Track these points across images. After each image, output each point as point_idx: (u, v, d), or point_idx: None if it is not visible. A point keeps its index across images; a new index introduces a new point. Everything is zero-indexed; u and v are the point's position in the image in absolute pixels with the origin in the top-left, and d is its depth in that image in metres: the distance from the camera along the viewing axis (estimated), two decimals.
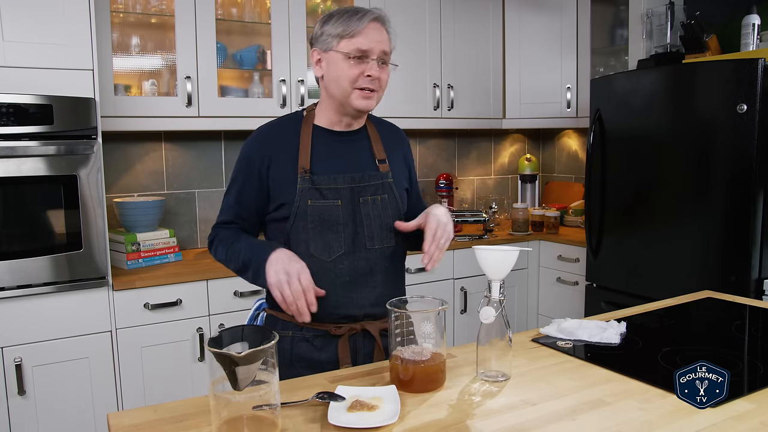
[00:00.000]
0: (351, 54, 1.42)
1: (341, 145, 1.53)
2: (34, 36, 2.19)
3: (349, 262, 1.47)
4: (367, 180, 1.51)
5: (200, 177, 3.09)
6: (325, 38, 1.45)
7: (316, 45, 1.49)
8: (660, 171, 2.65)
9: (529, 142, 4.19)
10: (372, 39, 1.43)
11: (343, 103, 1.47)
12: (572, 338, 1.48)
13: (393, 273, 1.54)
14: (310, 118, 1.54)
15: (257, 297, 2.62)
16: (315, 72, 1.51)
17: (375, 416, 1.08)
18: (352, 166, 1.51)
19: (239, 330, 1.03)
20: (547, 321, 1.62)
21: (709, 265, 2.49)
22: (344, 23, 1.43)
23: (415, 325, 1.24)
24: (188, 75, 2.68)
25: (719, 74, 2.42)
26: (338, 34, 1.43)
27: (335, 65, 1.44)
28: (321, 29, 1.47)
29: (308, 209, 1.46)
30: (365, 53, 1.43)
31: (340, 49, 1.43)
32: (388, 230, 1.52)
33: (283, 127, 1.54)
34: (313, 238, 1.46)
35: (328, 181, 1.47)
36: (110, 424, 1.08)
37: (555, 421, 1.07)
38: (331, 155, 1.50)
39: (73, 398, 2.30)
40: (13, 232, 2.19)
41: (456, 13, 3.40)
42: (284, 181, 1.47)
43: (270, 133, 1.53)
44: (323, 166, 1.48)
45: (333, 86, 1.47)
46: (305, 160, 1.47)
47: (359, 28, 1.42)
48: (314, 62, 1.50)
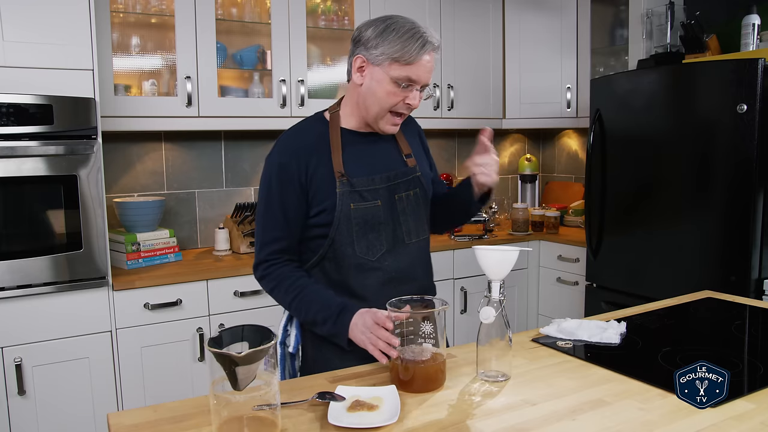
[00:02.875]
0: (400, 82, 1.40)
1: (371, 146, 1.53)
2: (34, 36, 2.19)
3: (392, 259, 1.50)
4: (400, 177, 1.53)
5: (200, 177, 3.09)
6: (378, 54, 1.39)
7: (363, 52, 1.42)
8: (660, 171, 2.65)
9: (529, 142, 4.19)
10: (424, 70, 1.40)
11: (371, 120, 1.47)
12: (572, 338, 1.48)
13: (427, 263, 1.61)
14: (336, 120, 1.52)
15: (257, 296, 2.63)
16: (354, 77, 1.46)
17: (375, 416, 1.08)
18: (385, 165, 1.52)
19: (239, 330, 1.03)
20: (547, 321, 1.62)
21: (709, 265, 2.49)
22: (402, 47, 1.37)
23: (416, 325, 1.24)
24: (188, 75, 2.68)
25: (719, 74, 2.42)
26: (393, 56, 1.37)
27: (379, 84, 1.41)
28: (375, 41, 1.39)
29: (351, 213, 1.46)
30: (414, 83, 1.41)
31: (390, 72, 1.39)
32: (421, 223, 1.56)
33: (308, 132, 1.51)
34: (357, 240, 1.47)
35: (366, 182, 1.48)
36: (110, 424, 1.08)
37: (555, 421, 1.07)
38: (363, 157, 1.50)
39: (73, 398, 2.30)
40: (13, 232, 2.19)
41: (456, 13, 3.40)
42: (323, 187, 1.46)
43: (297, 139, 1.50)
44: (358, 169, 1.48)
45: (369, 101, 1.45)
46: (339, 164, 1.46)
47: (417, 58, 1.38)
48: (355, 67, 1.45)
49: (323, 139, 1.49)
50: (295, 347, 1.55)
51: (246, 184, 3.21)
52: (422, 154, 1.64)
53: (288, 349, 1.56)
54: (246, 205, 2.96)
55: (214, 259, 2.82)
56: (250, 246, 2.92)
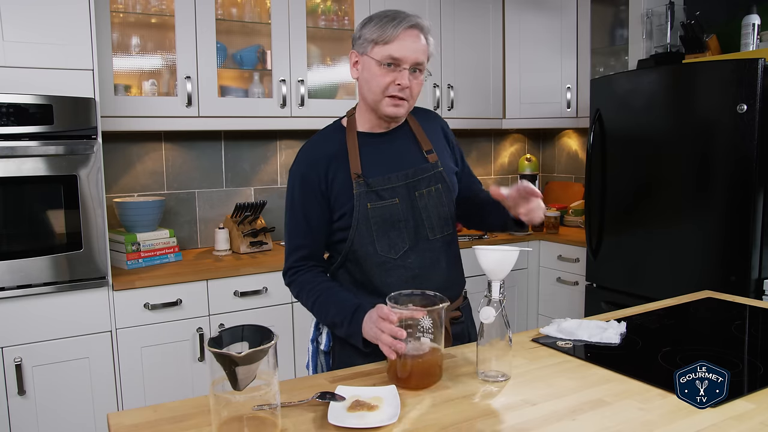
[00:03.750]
0: (383, 61, 1.42)
1: (388, 145, 1.55)
2: (34, 36, 2.19)
3: (416, 255, 1.51)
4: (420, 173, 1.53)
5: (200, 177, 3.09)
6: (362, 42, 1.46)
7: (354, 47, 1.49)
8: (660, 171, 2.65)
9: (529, 142, 4.19)
10: (406, 47, 1.42)
11: (375, 108, 1.49)
12: (572, 338, 1.48)
13: (454, 258, 1.61)
14: (352, 125, 1.55)
15: (257, 296, 2.63)
16: (351, 74, 1.52)
17: (375, 416, 1.08)
18: (403, 162, 1.53)
19: (239, 330, 1.03)
20: (547, 321, 1.62)
21: (709, 265, 2.49)
22: (380, 29, 1.42)
23: (414, 320, 1.24)
24: (188, 75, 2.68)
25: (719, 74, 2.42)
26: (373, 39, 1.43)
27: (368, 70, 1.45)
28: (360, 31, 1.47)
29: (369, 212, 1.48)
30: (397, 61, 1.42)
31: (373, 55, 1.44)
32: (445, 219, 1.57)
33: (327, 141, 1.55)
34: (377, 239, 1.49)
35: (382, 182, 1.49)
36: (110, 424, 1.08)
37: (555, 421, 1.07)
38: (380, 157, 1.52)
39: (73, 398, 2.30)
40: (13, 232, 2.19)
41: (456, 13, 3.40)
42: (342, 191, 1.49)
43: (316, 150, 1.54)
44: (375, 169, 1.50)
45: (365, 90, 1.49)
46: (356, 166, 1.49)
47: (394, 35, 1.41)
48: (351, 63, 1.51)
49: (341, 146, 1.52)
50: (327, 345, 1.58)
51: (246, 184, 3.21)
52: (446, 149, 1.64)
53: (320, 346, 1.60)
54: (246, 205, 2.96)
55: (214, 259, 2.82)
56: (250, 246, 2.92)
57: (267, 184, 3.26)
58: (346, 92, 3.19)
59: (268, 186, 3.26)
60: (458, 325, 1.61)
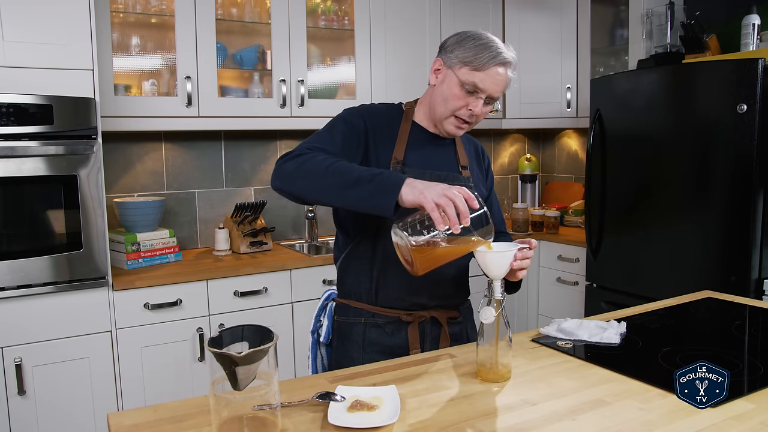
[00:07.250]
0: (465, 85, 1.44)
1: (433, 145, 1.57)
2: (34, 36, 2.19)
3: None
4: (451, 180, 1.54)
5: (200, 177, 3.09)
6: (452, 57, 1.47)
7: (442, 56, 1.51)
8: (660, 171, 2.65)
9: (529, 142, 4.19)
10: (491, 81, 1.44)
11: (437, 120, 1.52)
12: (572, 338, 1.48)
13: (463, 269, 1.62)
14: (410, 114, 1.58)
15: (257, 296, 2.63)
16: (430, 78, 1.54)
17: (375, 416, 1.08)
18: (440, 165, 1.56)
19: (239, 330, 1.03)
20: (547, 321, 1.62)
21: (709, 265, 2.49)
22: (474, 55, 1.43)
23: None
24: (188, 75, 2.68)
25: (719, 74, 2.42)
26: (464, 60, 1.44)
27: (448, 87, 1.47)
28: (453, 46, 1.48)
29: None
30: (479, 90, 1.45)
31: (459, 74, 1.45)
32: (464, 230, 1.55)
33: (385, 113, 1.57)
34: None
35: (417, 174, 1.49)
36: (110, 424, 1.08)
37: (555, 421, 1.07)
38: (422, 152, 1.55)
39: (73, 398, 2.30)
40: (13, 232, 2.19)
41: (456, 13, 3.40)
42: (378, 164, 1.49)
43: (374, 112, 1.55)
44: (414, 160, 1.52)
45: (438, 102, 1.51)
46: (400, 152, 1.51)
47: (485, 66, 1.42)
48: (433, 69, 1.53)
49: (394, 123, 1.55)
50: (326, 337, 1.60)
51: (246, 184, 3.21)
52: (479, 172, 1.66)
53: (320, 339, 1.61)
54: (246, 205, 2.96)
55: (214, 259, 2.82)
56: (250, 246, 2.92)
57: (267, 184, 3.25)
58: (346, 92, 3.18)
59: (268, 186, 3.26)
60: (456, 325, 1.61)
